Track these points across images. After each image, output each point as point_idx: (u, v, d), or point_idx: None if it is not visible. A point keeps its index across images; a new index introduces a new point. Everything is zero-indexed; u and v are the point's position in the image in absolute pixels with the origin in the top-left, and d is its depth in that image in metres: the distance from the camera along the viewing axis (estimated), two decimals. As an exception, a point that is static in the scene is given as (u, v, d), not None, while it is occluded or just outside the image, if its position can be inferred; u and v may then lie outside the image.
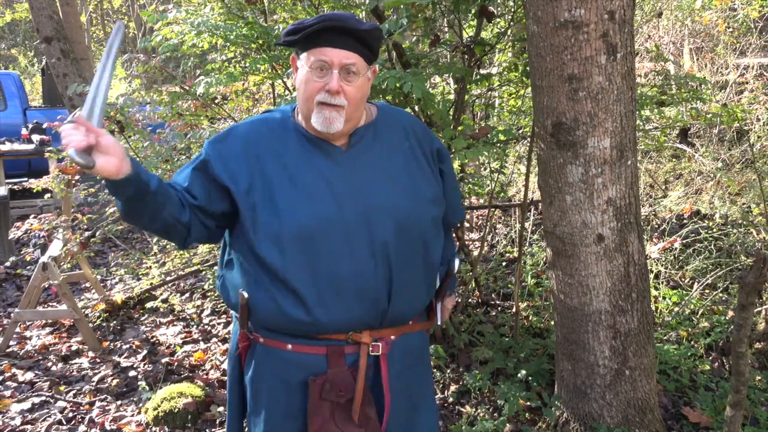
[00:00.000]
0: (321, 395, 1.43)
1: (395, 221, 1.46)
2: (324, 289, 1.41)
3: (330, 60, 1.39)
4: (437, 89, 4.27)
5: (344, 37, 1.40)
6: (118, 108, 3.29)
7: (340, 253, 1.41)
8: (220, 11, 3.21)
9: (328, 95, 1.40)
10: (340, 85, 1.39)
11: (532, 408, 2.67)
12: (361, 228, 1.43)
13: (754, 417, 2.51)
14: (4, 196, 5.38)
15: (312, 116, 1.43)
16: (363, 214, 1.44)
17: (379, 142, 1.54)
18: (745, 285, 1.77)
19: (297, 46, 1.46)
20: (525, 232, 4.46)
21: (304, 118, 1.47)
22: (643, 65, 6.20)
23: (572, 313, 2.31)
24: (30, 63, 18.20)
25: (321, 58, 1.40)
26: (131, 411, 2.95)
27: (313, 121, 1.43)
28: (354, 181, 1.46)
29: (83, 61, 7.78)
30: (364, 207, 1.44)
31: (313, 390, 1.44)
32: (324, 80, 1.40)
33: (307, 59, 1.42)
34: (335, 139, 1.48)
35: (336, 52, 1.39)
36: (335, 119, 1.41)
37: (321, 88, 1.40)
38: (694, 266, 3.81)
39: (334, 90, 1.39)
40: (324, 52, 1.40)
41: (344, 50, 1.40)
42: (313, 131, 1.47)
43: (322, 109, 1.41)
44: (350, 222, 1.42)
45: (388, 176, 1.50)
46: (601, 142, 2.07)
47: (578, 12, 1.96)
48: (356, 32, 1.40)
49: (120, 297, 4.20)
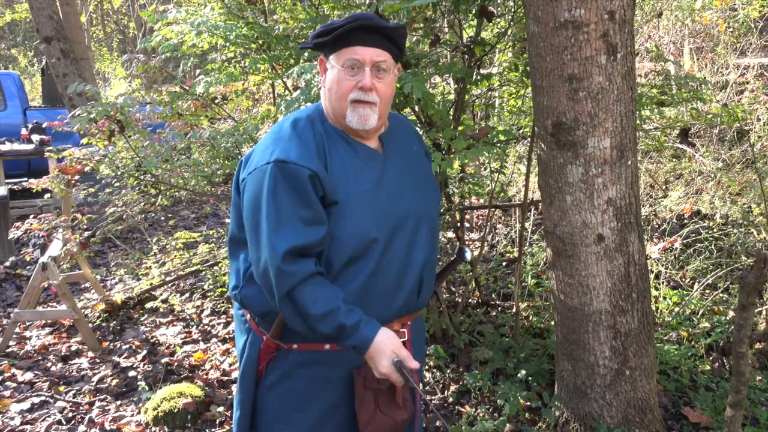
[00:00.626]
0: (365, 385, 1.49)
1: (430, 222, 1.57)
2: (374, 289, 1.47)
3: (362, 58, 1.43)
4: (437, 89, 4.26)
5: (374, 36, 1.44)
6: (118, 108, 3.29)
7: (390, 256, 1.48)
8: (220, 11, 3.21)
9: (362, 92, 1.43)
10: (372, 82, 1.43)
11: (532, 408, 2.67)
12: (404, 230, 1.50)
13: (754, 417, 2.51)
14: (4, 196, 5.38)
15: (347, 114, 1.45)
16: (407, 218, 1.51)
17: (399, 147, 1.60)
18: (745, 285, 1.76)
19: (325, 48, 1.48)
20: (525, 232, 4.46)
21: (337, 117, 1.49)
22: (643, 65, 6.19)
23: (572, 313, 2.31)
24: (30, 63, 18.20)
25: (353, 56, 1.43)
26: (131, 411, 2.95)
27: (348, 120, 1.46)
28: (395, 185, 1.52)
29: (83, 61, 7.78)
30: (409, 211, 1.52)
31: (358, 381, 1.49)
32: (356, 78, 1.44)
33: (337, 59, 1.45)
34: (370, 141, 1.53)
35: (367, 50, 1.43)
36: (370, 116, 1.45)
37: (354, 86, 1.44)
38: (695, 266, 3.81)
39: (368, 87, 1.43)
40: (356, 51, 1.43)
41: (375, 48, 1.44)
42: (348, 131, 1.50)
43: (356, 107, 1.44)
44: (396, 225, 1.49)
45: (415, 180, 1.59)
46: (601, 142, 2.07)
47: (578, 12, 1.96)
48: (385, 30, 1.44)
49: (120, 297, 4.20)
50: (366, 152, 1.51)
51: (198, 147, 3.72)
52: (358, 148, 1.50)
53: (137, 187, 4.12)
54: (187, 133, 3.58)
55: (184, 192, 4.02)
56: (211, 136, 3.29)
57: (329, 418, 1.54)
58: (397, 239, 1.49)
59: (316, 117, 1.53)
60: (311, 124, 1.49)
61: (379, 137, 1.57)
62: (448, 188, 3.43)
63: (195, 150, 3.80)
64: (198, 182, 3.62)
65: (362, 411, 1.48)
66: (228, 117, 4.01)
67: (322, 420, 1.53)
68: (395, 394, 1.51)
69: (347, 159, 1.47)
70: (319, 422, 1.54)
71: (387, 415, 1.49)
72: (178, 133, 3.70)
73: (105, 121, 3.30)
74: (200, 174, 3.45)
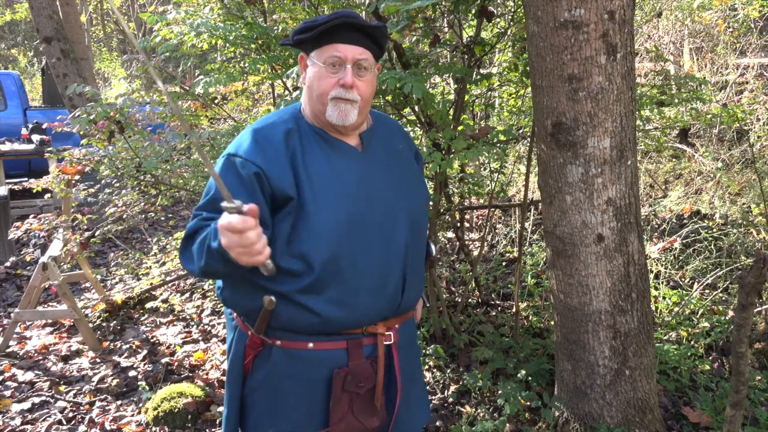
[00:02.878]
0: (343, 387, 1.49)
1: (409, 220, 1.55)
2: (356, 287, 1.46)
3: (344, 55, 1.42)
4: (437, 89, 4.27)
5: (356, 34, 1.43)
6: (117, 109, 3.29)
7: (369, 252, 1.47)
8: (219, 12, 3.21)
9: (343, 90, 1.43)
10: (354, 80, 1.43)
11: (532, 408, 2.67)
12: (385, 228, 1.49)
13: (754, 417, 2.51)
14: (4, 196, 5.38)
15: (326, 110, 1.45)
16: (387, 214, 1.50)
17: (382, 145, 1.59)
18: (745, 285, 1.77)
19: (306, 45, 1.48)
20: (525, 232, 4.47)
21: (317, 114, 1.49)
22: (643, 65, 6.20)
23: (572, 313, 2.31)
24: (30, 63, 18.21)
25: (335, 54, 1.42)
26: (131, 411, 2.95)
27: (328, 115, 1.45)
28: (374, 182, 1.50)
29: (83, 61, 7.79)
30: (388, 207, 1.50)
31: (337, 382, 1.49)
32: (338, 76, 1.43)
33: (319, 56, 1.45)
34: (349, 138, 1.52)
35: (349, 48, 1.43)
36: (350, 111, 1.45)
37: (335, 84, 1.43)
38: (694, 266, 3.81)
39: (349, 84, 1.42)
40: (337, 48, 1.43)
41: (357, 46, 1.44)
42: (326, 127, 1.49)
43: (337, 103, 1.44)
44: (377, 222, 1.48)
45: (397, 177, 1.57)
46: (601, 142, 2.07)
47: (578, 12, 1.96)
48: (367, 28, 1.44)
49: (120, 297, 4.20)
50: (343, 149, 1.50)
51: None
52: (336, 144, 1.49)
53: (137, 188, 4.12)
54: (187, 133, 3.58)
55: (184, 192, 4.02)
56: (211, 137, 3.29)
57: (312, 419, 1.53)
58: (373, 238, 1.47)
59: (288, 118, 1.52)
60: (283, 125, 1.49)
61: (360, 135, 1.55)
62: (448, 188, 3.44)
63: (195, 150, 3.81)
64: (198, 182, 3.63)
65: (336, 410, 1.50)
66: (228, 117, 4.01)
67: (307, 421, 1.53)
68: (371, 399, 1.52)
69: (322, 156, 1.46)
70: (303, 423, 1.53)
71: (358, 420, 1.51)
72: (178, 134, 3.70)
73: (105, 121, 3.30)
74: (200, 174, 3.46)
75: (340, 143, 1.50)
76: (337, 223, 1.42)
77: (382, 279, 1.49)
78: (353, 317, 1.48)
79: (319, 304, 1.44)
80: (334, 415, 1.50)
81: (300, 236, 1.42)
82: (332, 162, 1.47)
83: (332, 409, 1.49)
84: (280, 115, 1.54)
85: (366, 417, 1.52)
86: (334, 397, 1.49)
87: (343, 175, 1.46)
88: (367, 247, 1.46)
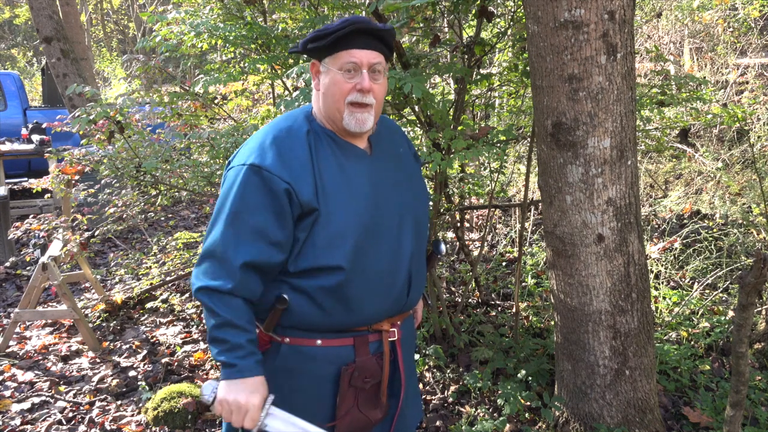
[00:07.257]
0: (350, 382, 1.53)
1: (414, 221, 1.59)
2: (370, 288, 1.50)
3: (359, 60, 1.45)
4: (437, 89, 4.27)
5: (369, 38, 1.46)
6: (117, 109, 3.29)
7: (381, 254, 1.51)
8: (219, 12, 3.21)
9: (360, 95, 1.45)
10: (370, 84, 1.46)
11: (532, 408, 2.67)
12: (394, 229, 1.53)
13: (754, 417, 2.51)
14: (4, 196, 5.38)
15: (344, 118, 1.47)
16: (395, 215, 1.54)
17: (387, 147, 1.63)
18: (745, 285, 1.77)
19: (318, 53, 1.50)
20: (525, 232, 4.47)
21: (333, 119, 1.50)
22: (643, 65, 6.19)
23: (572, 313, 2.31)
24: (30, 63, 18.21)
25: (351, 59, 1.45)
26: (131, 411, 2.95)
27: (345, 123, 1.47)
28: (383, 185, 1.54)
29: (83, 61, 7.79)
30: (396, 209, 1.54)
31: (344, 378, 1.52)
32: (354, 81, 1.46)
33: (333, 62, 1.47)
34: (359, 141, 1.55)
35: (364, 53, 1.45)
36: (367, 119, 1.48)
37: (352, 89, 1.46)
38: (694, 266, 3.81)
39: (367, 89, 1.45)
40: (352, 54, 1.45)
41: (370, 50, 1.46)
42: (341, 133, 1.51)
43: (354, 111, 1.46)
44: (387, 224, 1.52)
45: (402, 179, 1.61)
46: (601, 142, 2.07)
47: (578, 12, 1.96)
48: (378, 32, 1.46)
49: (120, 297, 4.20)
50: (354, 152, 1.53)
51: (198, 147, 3.72)
52: (347, 148, 1.52)
53: (137, 188, 4.12)
54: (187, 133, 3.58)
55: (184, 192, 4.02)
56: (211, 137, 3.29)
57: (318, 414, 1.56)
58: (384, 240, 1.51)
59: (302, 121, 1.53)
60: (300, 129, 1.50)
61: (368, 138, 1.59)
62: (448, 188, 3.44)
63: (195, 150, 3.81)
64: (198, 182, 3.63)
65: (342, 405, 1.54)
66: (228, 117, 4.01)
67: (313, 416, 1.55)
68: (375, 393, 1.57)
69: (333, 159, 1.49)
70: (309, 418, 1.55)
71: (363, 413, 1.56)
72: (177, 134, 3.70)
73: (105, 121, 3.30)
74: (200, 174, 3.46)
75: (352, 147, 1.53)
76: (356, 226, 1.45)
77: (391, 279, 1.53)
78: (363, 317, 1.52)
79: (335, 304, 1.47)
80: (340, 409, 1.53)
81: (322, 241, 1.44)
82: (344, 166, 1.50)
83: (339, 403, 1.53)
84: (294, 118, 1.55)
85: (370, 410, 1.57)
86: (341, 393, 1.53)
87: (356, 179, 1.50)
88: (380, 249, 1.50)
